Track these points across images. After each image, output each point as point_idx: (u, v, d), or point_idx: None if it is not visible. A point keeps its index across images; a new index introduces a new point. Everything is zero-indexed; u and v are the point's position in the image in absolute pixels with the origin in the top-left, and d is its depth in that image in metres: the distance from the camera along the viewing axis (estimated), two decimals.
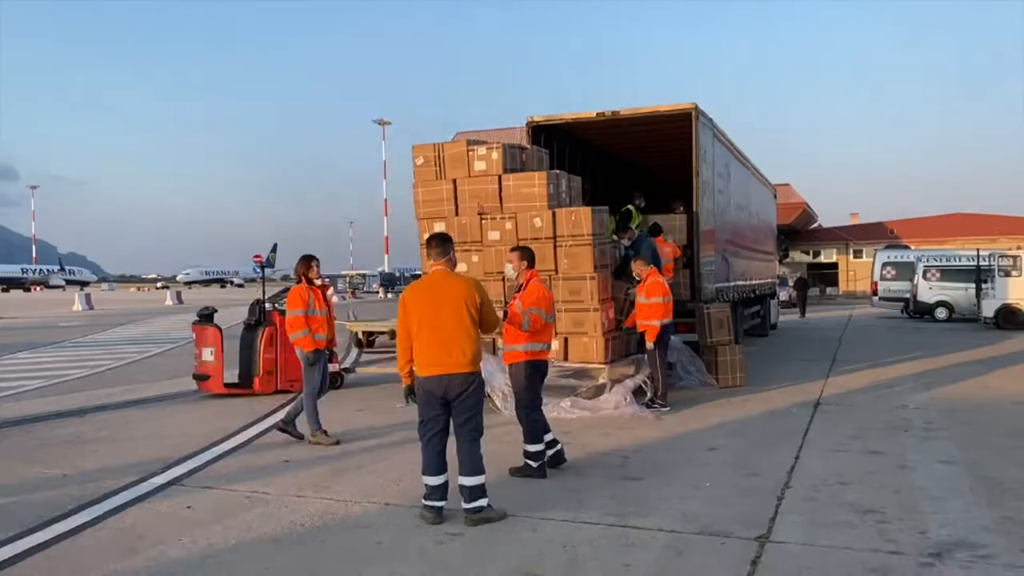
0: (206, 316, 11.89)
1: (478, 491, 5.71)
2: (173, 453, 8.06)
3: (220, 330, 11.93)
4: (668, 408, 10.23)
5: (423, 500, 5.81)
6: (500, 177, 10.64)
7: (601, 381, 10.25)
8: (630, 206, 14.43)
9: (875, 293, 32.98)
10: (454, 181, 10.86)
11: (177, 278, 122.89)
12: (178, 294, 60.57)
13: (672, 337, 12.06)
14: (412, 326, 5.79)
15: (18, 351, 19.74)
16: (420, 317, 5.74)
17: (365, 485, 6.77)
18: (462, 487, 5.73)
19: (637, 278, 10.51)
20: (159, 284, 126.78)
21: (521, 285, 7.37)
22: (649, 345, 10.27)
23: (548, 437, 7.26)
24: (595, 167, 16.77)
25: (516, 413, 7.24)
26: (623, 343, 10.85)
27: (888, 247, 37.00)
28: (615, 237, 11.98)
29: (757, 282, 20.20)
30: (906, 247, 41.02)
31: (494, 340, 10.75)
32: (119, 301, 63.10)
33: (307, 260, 8.85)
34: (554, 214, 10.38)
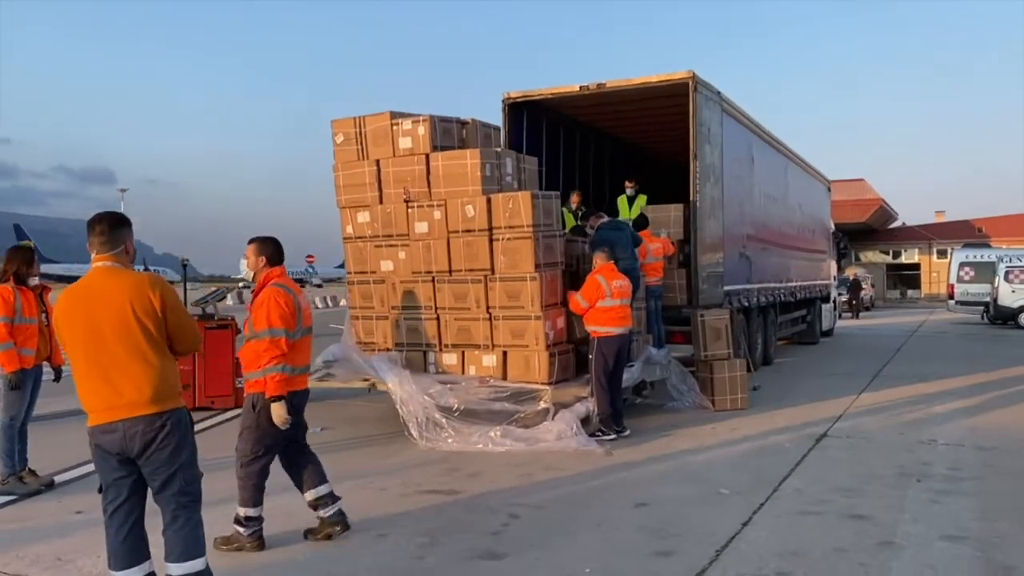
0: None
1: None
2: None
3: None
4: (614, 437, 8.28)
5: None
6: (428, 156, 8.81)
7: (543, 406, 8.31)
8: (620, 196, 12.46)
9: (951, 296, 29.84)
10: (377, 162, 9.07)
11: None
12: (239, 294, 60.33)
13: (654, 350, 10.08)
14: (67, 352, 3.99)
15: None
16: (73, 339, 3.90)
17: None
18: None
19: None
20: (241, 284, 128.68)
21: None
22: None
23: (322, 491, 5.41)
24: (592, 151, 14.83)
25: (236, 462, 5.26)
26: (574, 359, 8.89)
27: (966, 246, 33.58)
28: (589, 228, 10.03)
29: (799, 283, 17.85)
30: (987, 246, 37.40)
31: (424, 353, 8.98)
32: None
33: (21, 253, 6.83)
34: (489, 201, 8.50)
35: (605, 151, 15.28)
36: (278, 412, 4.99)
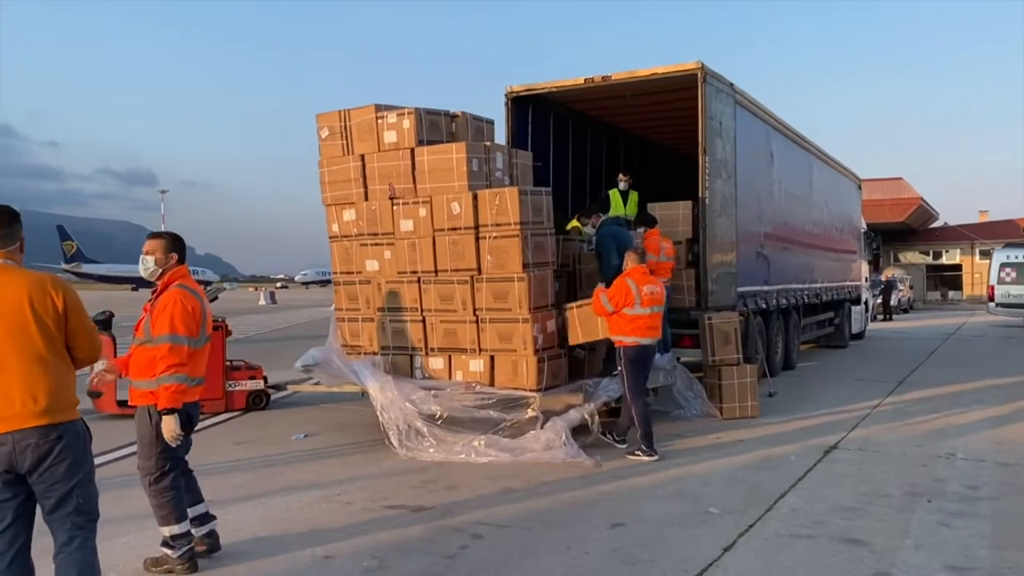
0: (101, 323, 10.10)
1: None
2: None
3: (114, 340, 10.16)
4: (656, 457, 7.68)
5: None
6: (413, 151, 8.39)
7: (531, 414, 7.84)
8: (612, 190, 11.94)
9: (991, 298, 28.72)
10: (362, 157, 8.68)
11: (296, 279, 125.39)
12: (272, 294, 60.56)
13: (657, 355, 9.52)
14: None
15: None
16: None
17: None
18: None
19: None
20: (279, 284, 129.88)
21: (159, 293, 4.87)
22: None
23: (197, 510, 4.99)
24: (604, 146, 14.31)
25: (142, 480, 4.81)
26: (566, 364, 8.41)
27: (1008, 245, 32.35)
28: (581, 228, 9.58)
29: (825, 285, 17.16)
30: None
31: (411, 357, 8.57)
32: (222, 300, 63.77)
33: None
34: (475, 197, 8.06)
35: (619, 146, 14.75)
36: (170, 426, 4.56)
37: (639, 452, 7.71)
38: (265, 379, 10.74)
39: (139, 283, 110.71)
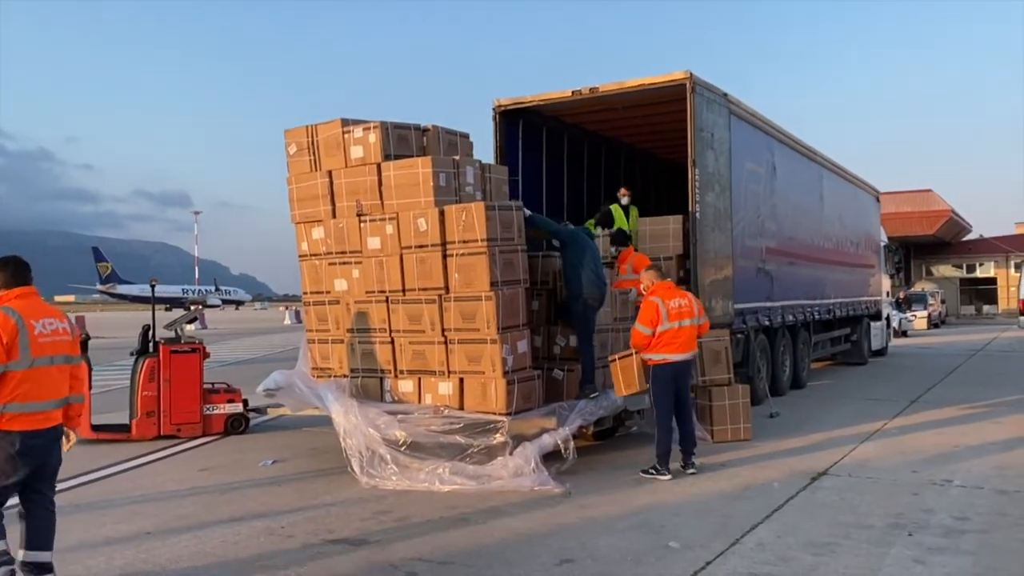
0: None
1: None
2: None
3: (88, 363, 9.95)
4: (669, 477, 7.58)
5: None
6: (379, 166, 8.12)
7: (500, 439, 7.47)
8: (613, 205, 11.59)
9: (1023, 312, 27.78)
10: (329, 173, 8.42)
11: None
12: (297, 313, 60.65)
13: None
14: None
15: None
16: None
17: None
18: None
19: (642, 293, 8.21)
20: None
21: None
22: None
23: (38, 557, 4.54)
24: (603, 159, 13.97)
25: None
26: (539, 386, 8.04)
27: None
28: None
29: (839, 300, 16.64)
30: None
31: (380, 380, 8.26)
32: (250, 320, 64.12)
33: None
34: (442, 213, 7.75)
35: (617, 159, 14.40)
36: None
37: (652, 471, 7.58)
38: (245, 402, 10.48)
39: (173, 303, 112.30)
